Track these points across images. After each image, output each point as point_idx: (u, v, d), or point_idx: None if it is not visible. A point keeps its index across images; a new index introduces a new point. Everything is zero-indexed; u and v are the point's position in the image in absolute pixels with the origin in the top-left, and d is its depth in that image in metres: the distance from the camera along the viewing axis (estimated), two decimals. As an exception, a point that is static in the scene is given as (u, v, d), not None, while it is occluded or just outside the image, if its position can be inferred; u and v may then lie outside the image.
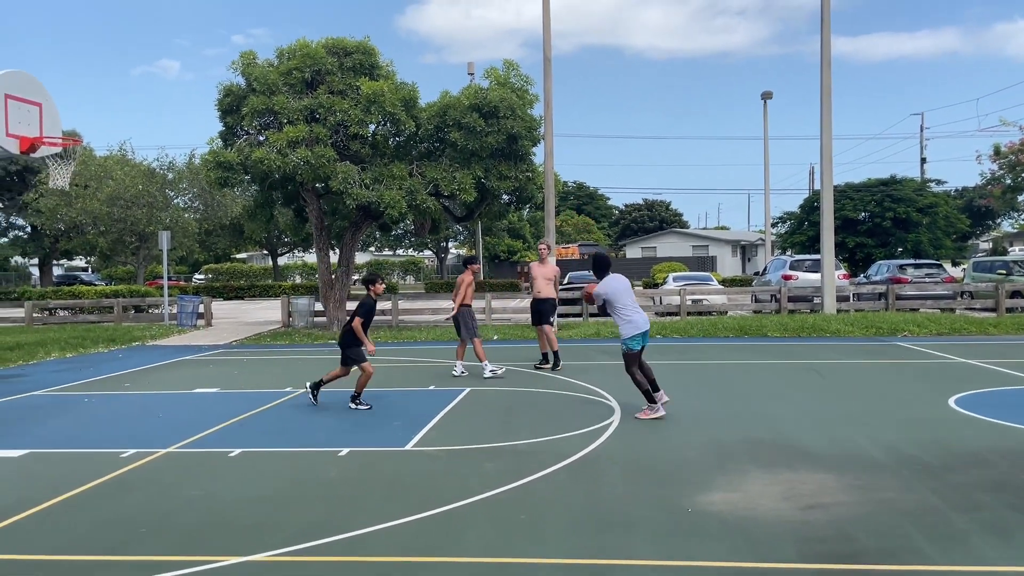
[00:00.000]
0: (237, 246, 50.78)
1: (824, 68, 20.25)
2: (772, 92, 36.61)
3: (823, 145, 20.44)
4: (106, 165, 32.20)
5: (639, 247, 63.94)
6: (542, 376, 11.96)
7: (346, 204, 18.59)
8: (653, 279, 37.99)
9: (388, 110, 18.50)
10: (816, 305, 21.14)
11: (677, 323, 19.65)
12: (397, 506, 5.67)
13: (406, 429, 8.24)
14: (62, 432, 8.57)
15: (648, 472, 6.47)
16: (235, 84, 19.69)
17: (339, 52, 19.23)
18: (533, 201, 21.44)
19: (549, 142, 19.28)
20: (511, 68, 19.91)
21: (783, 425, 8.13)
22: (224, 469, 6.85)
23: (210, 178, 19.56)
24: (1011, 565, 4.45)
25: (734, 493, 5.84)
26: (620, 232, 79.03)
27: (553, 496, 5.88)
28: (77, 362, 15.05)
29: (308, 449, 7.51)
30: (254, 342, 18.54)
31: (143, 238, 32.67)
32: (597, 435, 7.81)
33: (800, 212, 45.79)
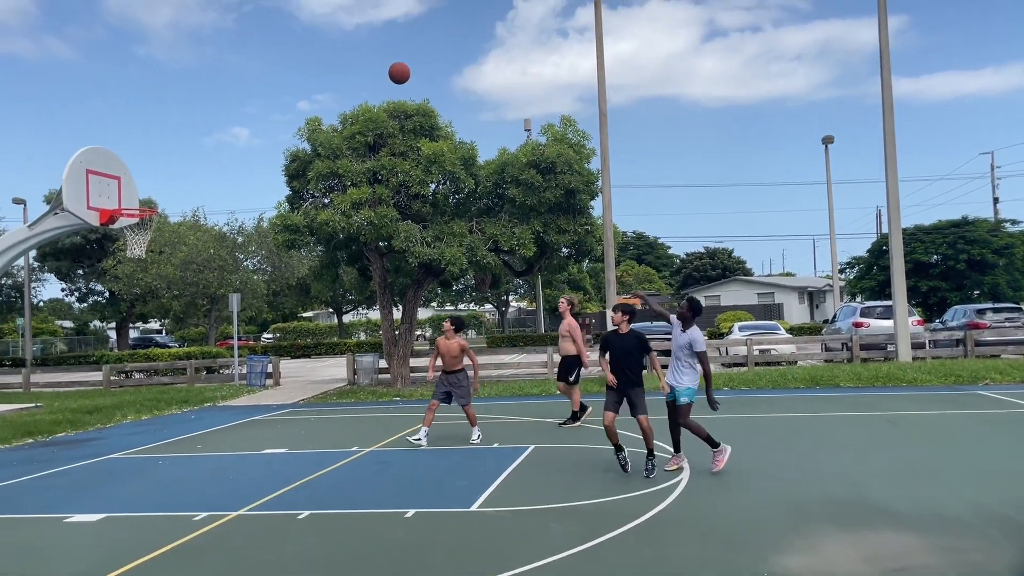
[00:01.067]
0: (303, 305, 51.95)
1: (886, 112, 19.96)
2: (833, 136, 36.20)
3: (889, 188, 20.03)
4: (179, 231, 33.52)
5: (702, 296, 63.04)
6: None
7: (408, 262, 18.91)
8: (718, 329, 37.39)
9: (448, 169, 18.89)
10: (890, 353, 20.47)
11: (745, 374, 19.23)
12: (464, 570, 5.61)
13: (471, 489, 8.19)
14: (137, 495, 8.77)
15: (720, 533, 6.28)
16: (301, 150, 20.38)
17: (400, 115, 19.79)
18: (592, 253, 21.48)
19: (607, 195, 19.36)
20: (568, 124, 20.17)
21: (860, 481, 7.83)
22: (294, 532, 6.89)
23: (278, 241, 20.15)
24: (1119, 636, 4.14)
25: (812, 556, 5.62)
26: (682, 281, 78.25)
27: (623, 559, 5.74)
28: (152, 424, 15.46)
29: (375, 511, 7.52)
30: (320, 400, 18.80)
31: (214, 300, 33.71)
32: (666, 494, 7.63)
33: (868, 256, 44.79)
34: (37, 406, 18.41)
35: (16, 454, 12.25)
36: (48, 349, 54.39)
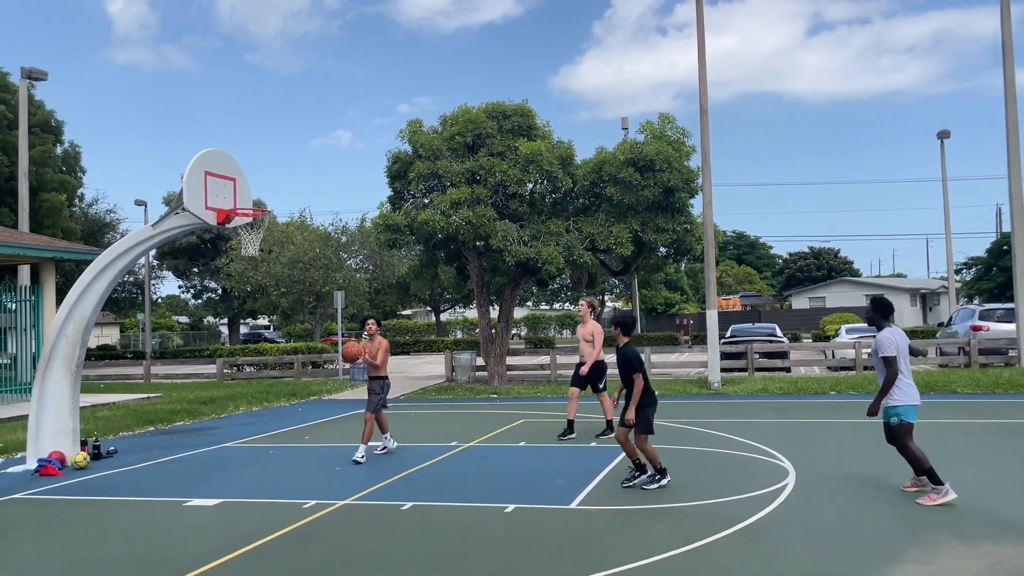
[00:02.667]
0: (403, 303, 53.09)
1: (1009, 103, 18.82)
2: (949, 131, 34.30)
3: (1012, 184, 18.88)
4: (287, 231, 34.84)
5: (806, 297, 61.11)
6: (709, 434, 11.58)
7: (505, 261, 19.05)
8: (823, 331, 36.09)
9: (545, 168, 18.94)
10: (1011, 358, 19.31)
11: (853, 378, 18.51)
12: (563, 567, 5.63)
13: (571, 486, 8.20)
14: (251, 482, 9.17)
15: (831, 541, 6.08)
16: (402, 151, 20.84)
17: (498, 115, 19.96)
18: (691, 253, 21.10)
19: (708, 193, 18.98)
20: (667, 121, 19.91)
21: (980, 492, 7.42)
22: (397, 522, 7.07)
23: (380, 240, 20.67)
24: None
25: (929, 567, 5.37)
26: (784, 282, 76.01)
27: (727, 563, 5.63)
28: (262, 415, 16.14)
29: (475, 504, 7.63)
30: (419, 396, 19.18)
31: (319, 298, 34.88)
32: (771, 498, 7.44)
33: (987, 257, 42.41)
34: (157, 396, 19.51)
35: (139, 440, 13.02)
36: (166, 343, 57.55)
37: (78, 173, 37.59)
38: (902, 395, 7.21)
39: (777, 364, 21.38)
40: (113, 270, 10.68)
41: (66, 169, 35.78)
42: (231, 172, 10.61)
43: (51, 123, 34.71)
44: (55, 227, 31.12)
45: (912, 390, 7.28)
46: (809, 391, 17.14)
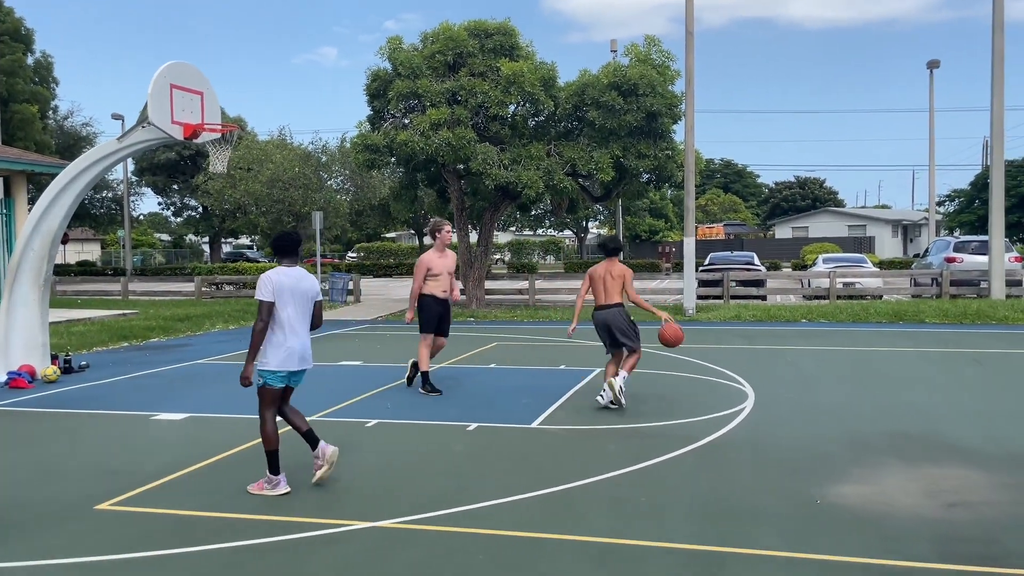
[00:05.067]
0: (386, 226, 52.85)
1: (996, 31, 18.56)
2: (939, 61, 33.90)
3: (994, 115, 18.80)
4: (266, 149, 34.34)
5: (789, 227, 61.23)
6: (676, 359, 11.76)
7: (485, 185, 18.91)
8: (803, 260, 36.38)
9: (527, 90, 18.61)
10: (983, 290, 19.57)
11: (825, 307, 18.74)
12: (519, 482, 5.77)
13: (534, 407, 8.35)
14: (220, 399, 9.27)
15: (778, 461, 6.25)
16: (382, 69, 20.38)
17: (480, 34, 19.50)
18: (673, 180, 20.99)
19: (690, 119, 18.78)
20: (652, 44, 19.51)
21: (933, 418, 7.62)
22: (361, 438, 7.20)
23: (358, 160, 20.41)
24: None
25: (870, 487, 5.55)
26: (769, 211, 76.03)
27: (677, 481, 5.80)
28: (238, 334, 16.21)
29: (439, 423, 7.76)
30: (397, 318, 19.28)
31: (299, 218, 34.64)
32: (727, 420, 7.61)
33: (971, 189, 42.55)
34: (134, 313, 19.51)
35: (112, 356, 13.07)
36: (148, 261, 57.21)
37: (51, 84, 36.61)
38: (268, 356, 5.62)
39: (753, 292, 21.57)
40: (79, 184, 10.51)
41: (38, 80, 34.85)
42: (198, 86, 10.36)
43: (21, 31, 33.63)
44: (27, 139, 30.49)
45: (282, 352, 5.60)
46: (781, 319, 17.38)
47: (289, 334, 5.60)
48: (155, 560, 4.50)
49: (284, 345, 5.59)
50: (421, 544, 4.67)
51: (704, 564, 4.31)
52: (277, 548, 4.64)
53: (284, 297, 5.57)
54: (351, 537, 4.79)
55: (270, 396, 5.69)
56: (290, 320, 5.60)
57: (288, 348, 5.60)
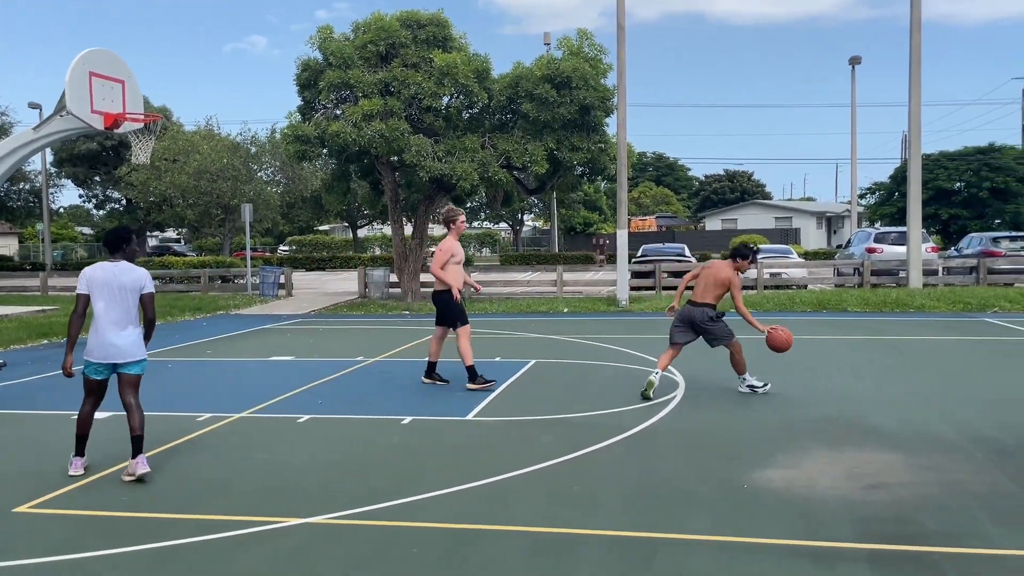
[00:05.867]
0: (319, 218, 52.03)
1: (914, 29, 19.28)
2: (861, 57, 35.01)
3: (911, 111, 19.54)
4: (193, 140, 33.39)
5: (719, 219, 62.59)
6: (611, 350, 11.91)
7: (419, 176, 18.79)
8: (732, 252, 37.22)
9: (461, 82, 18.55)
10: (902, 279, 20.35)
11: (753, 297, 19.22)
12: (454, 474, 5.77)
13: (469, 399, 8.35)
14: (146, 396, 8.88)
15: (707, 447, 6.40)
16: (312, 59, 20.04)
17: (413, 25, 19.34)
18: (606, 173, 21.20)
19: (622, 112, 18.99)
20: (584, 37, 19.65)
21: (855, 404, 7.91)
22: (292, 434, 7.09)
23: (289, 151, 20.04)
24: (1085, 553, 4.23)
25: (794, 471, 5.73)
26: (700, 203, 77.53)
27: (608, 468, 5.88)
28: (164, 330, 15.75)
29: (373, 417, 7.70)
30: (331, 312, 19.04)
31: (228, 210, 33.83)
32: (658, 409, 7.75)
33: (890, 182, 44.08)
34: (54, 309, 18.77)
35: (31, 354, 12.57)
36: (69, 255, 55.07)
37: (-39, 71, 34.82)
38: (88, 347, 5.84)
39: (684, 283, 21.95)
40: (-8, 175, 10.06)
41: (-53, 66, 33.10)
42: (119, 74, 10.03)
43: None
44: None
45: (94, 343, 5.77)
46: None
47: (101, 327, 5.78)
48: (78, 563, 4.35)
49: (96, 337, 5.80)
50: (355, 540, 4.63)
51: (636, 550, 4.39)
52: (204, 547, 4.54)
53: (96, 291, 5.77)
54: (282, 534, 4.72)
55: (87, 385, 5.94)
56: (102, 313, 5.77)
57: (99, 340, 5.79)
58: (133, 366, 5.92)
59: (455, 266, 8.96)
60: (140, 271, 5.93)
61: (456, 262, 8.93)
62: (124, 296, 5.79)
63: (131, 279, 5.83)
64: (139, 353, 5.93)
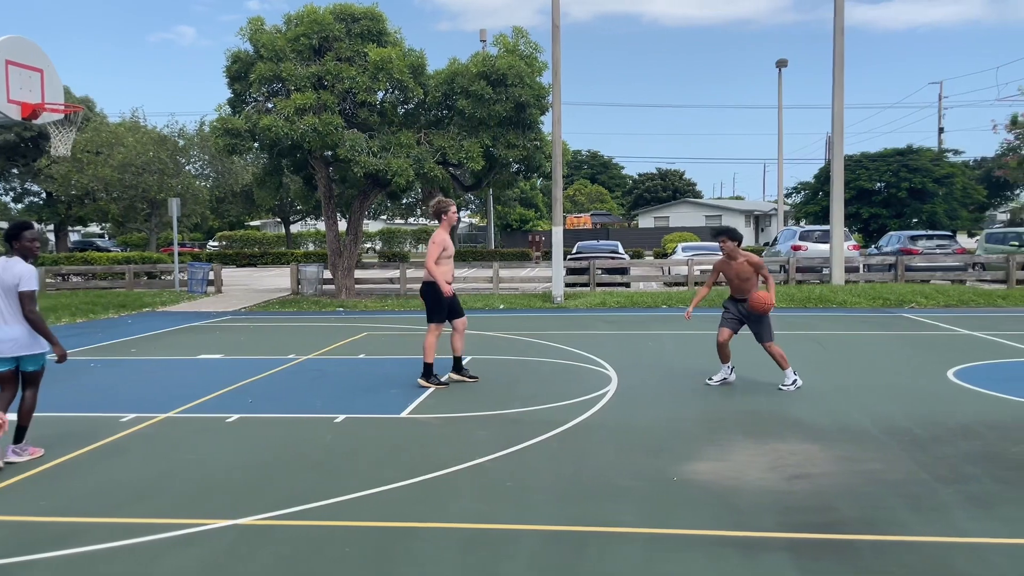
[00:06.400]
0: (250, 213, 51.00)
1: (837, 35, 19.93)
2: (787, 60, 36.08)
3: (835, 113, 20.19)
4: (117, 132, 32.29)
5: (652, 217, 63.62)
6: (545, 346, 12.00)
7: (354, 172, 18.58)
8: (664, 249, 37.89)
9: (396, 77, 18.40)
10: (825, 276, 21.03)
11: (684, 293, 19.62)
12: (387, 472, 5.74)
13: (403, 397, 8.31)
14: (67, 397, 8.69)
15: (639, 441, 6.51)
16: (243, 51, 19.62)
17: (347, 18, 19.09)
18: (541, 170, 21.33)
19: (557, 110, 19.12)
20: (520, 35, 19.70)
21: (779, 397, 8.15)
22: (220, 434, 6.94)
23: (218, 145, 19.58)
24: (990, 537, 4.46)
25: (721, 463, 5.88)
26: (633, 202, 78.55)
27: (542, 464, 5.93)
28: (86, 327, 15.23)
29: (305, 415, 7.60)
30: (262, 309, 18.68)
31: (155, 205, 32.82)
32: (592, 404, 7.85)
33: (815, 182, 45.41)
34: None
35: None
36: (-18, 251, 52.63)
37: None
38: None
39: (618, 280, 22.28)
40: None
41: None
42: (38, 63, 9.64)
43: None
44: None
45: None
46: (643, 304, 18.06)
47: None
48: (-10, 572, 4.18)
49: None
50: (285, 540, 4.57)
51: (567, 544, 4.45)
52: (126, 552, 4.42)
53: None
54: (209, 537, 4.63)
55: None
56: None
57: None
58: (27, 361, 6.05)
59: (446, 260, 8.79)
60: (20, 267, 5.97)
61: (447, 256, 8.77)
62: (8, 292, 5.93)
63: (11, 275, 5.94)
64: (29, 349, 5.98)
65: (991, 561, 4.15)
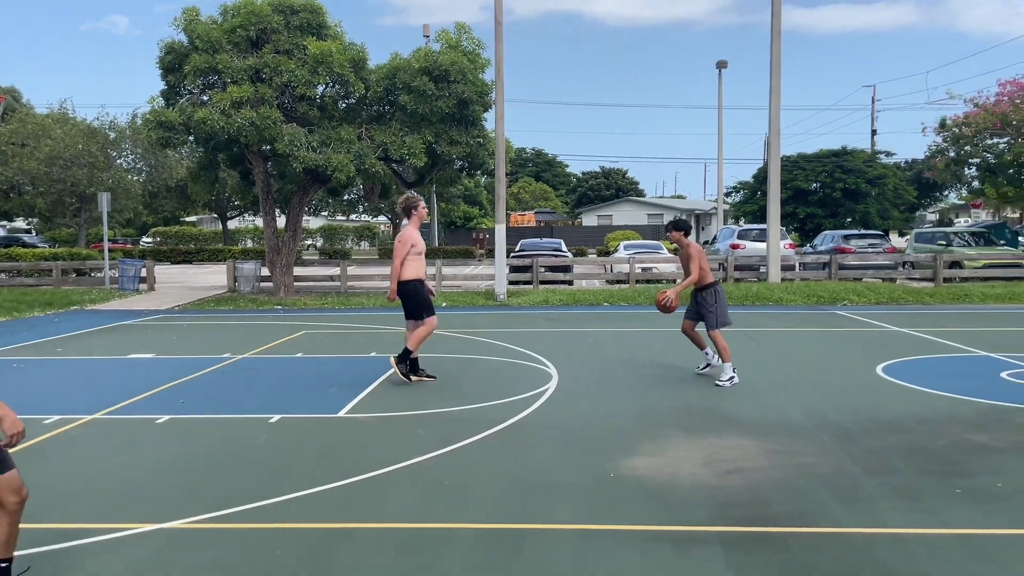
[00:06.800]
0: (185, 209, 49.70)
1: (774, 37, 20.34)
2: (727, 61, 36.73)
3: (772, 115, 20.62)
4: (44, 124, 31.12)
5: (595, 215, 64.14)
6: (487, 344, 11.97)
7: (293, 167, 18.25)
8: (607, 247, 38.23)
9: (336, 71, 18.13)
10: (762, 274, 21.46)
11: (625, 291, 19.81)
12: (323, 473, 5.64)
13: (341, 396, 8.19)
14: (-14, 398, 8.33)
15: (577, 438, 6.53)
16: (177, 41, 19.08)
17: (285, 10, 18.73)
18: (485, 167, 21.26)
19: (500, 107, 19.10)
20: (463, 31, 19.60)
21: (714, 392, 8.27)
22: (149, 436, 6.73)
23: (151, 138, 19.03)
24: (914, 527, 4.59)
25: (657, 458, 5.93)
26: (577, 200, 79.10)
27: (480, 462, 5.90)
28: (10, 326, 14.64)
29: (239, 416, 7.42)
30: (197, 307, 18.23)
31: (84, 199, 31.75)
32: (532, 401, 7.85)
33: (753, 182, 46.31)
34: None
35: None
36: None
37: None
38: None
39: (560, 277, 22.39)
40: None
41: None
42: (-46, 48, 9.18)
43: None
44: None
45: None
46: (585, 302, 18.17)
47: None
48: None
49: None
50: (215, 544, 4.44)
51: (504, 541, 4.43)
52: (46, 558, 4.24)
53: None
54: (136, 542, 4.48)
55: None
56: None
57: None
58: None
59: (416, 257, 8.70)
60: None
61: (417, 253, 8.68)
62: None
63: None
64: None
65: (912, 551, 4.27)
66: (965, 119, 26.93)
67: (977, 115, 26.34)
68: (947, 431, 6.60)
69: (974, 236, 25.06)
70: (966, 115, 27.08)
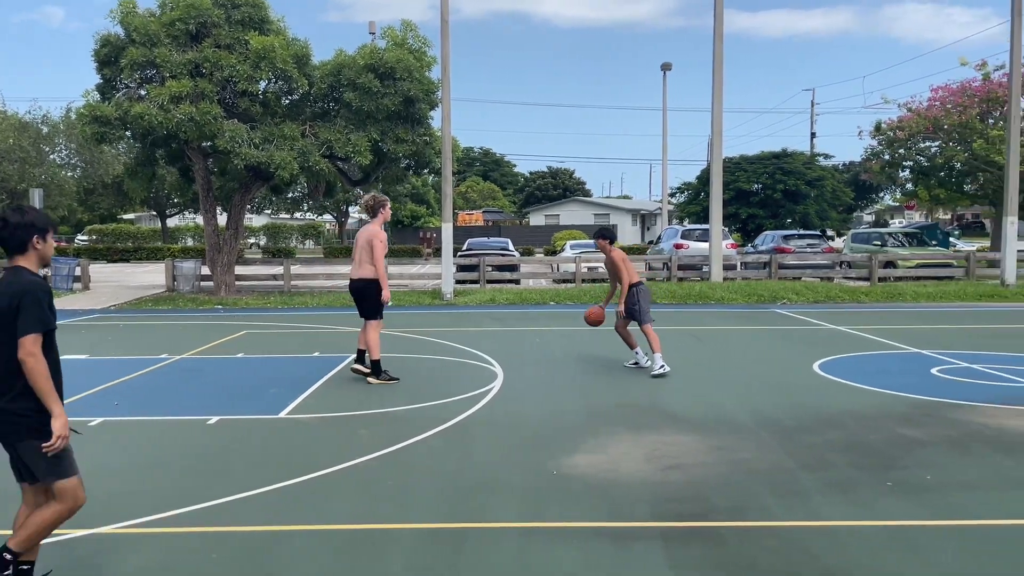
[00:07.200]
0: (123, 206, 48.43)
1: (717, 40, 20.69)
2: (671, 64, 37.16)
3: (714, 117, 20.97)
4: (-27, 117, 29.99)
5: (543, 215, 64.35)
6: (433, 343, 11.91)
7: (234, 164, 17.90)
8: (554, 246, 38.42)
9: (279, 67, 17.82)
10: (705, 273, 21.81)
11: (571, 290, 19.93)
12: (263, 474, 5.54)
13: (282, 396, 8.06)
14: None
15: (521, 436, 6.54)
16: (113, 34, 18.54)
17: (226, 4, 18.34)
18: (431, 166, 21.16)
19: (446, 106, 19.03)
20: (408, 29, 19.48)
21: (657, 389, 8.37)
22: (81, 439, 6.45)
23: (85, 133, 18.46)
24: (847, 520, 4.71)
25: (600, 455, 5.98)
26: (525, 199, 79.28)
27: (424, 462, 5.87)
28: (-66, 327, 14.05)
29: (176, 418, 7.25)
30: (134, 307, 17.76)
31: (15, 196, 30.66)
32: (477, 400, 7.84)
33: (697, 183, 47.09)
34: None
35: None
36: None
37: None
38: None
39: (507, 277, 22.42)
40: None
41: None
42: None
43: None
44: None
45: None
46: (532, 301, 18.23)
47: None
48: None
49: None
50: (148, 548, 4.33)
51: (445, 541, 4.41)
52: (-30, 569, 4.07)
53: None
54: (64, 547, 4.34)
55: None
56: None
57: None
58: None
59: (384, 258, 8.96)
60: None
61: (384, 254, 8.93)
62: None
63: None
64: None
65: (843, 542, 4.39)
66: (899, 123, 27.76)
67: (910, 119, 27.18)
68: (880, 426, 6.79)
69: (907, 237, 25.87)
70: (900, 119, 27.92)
